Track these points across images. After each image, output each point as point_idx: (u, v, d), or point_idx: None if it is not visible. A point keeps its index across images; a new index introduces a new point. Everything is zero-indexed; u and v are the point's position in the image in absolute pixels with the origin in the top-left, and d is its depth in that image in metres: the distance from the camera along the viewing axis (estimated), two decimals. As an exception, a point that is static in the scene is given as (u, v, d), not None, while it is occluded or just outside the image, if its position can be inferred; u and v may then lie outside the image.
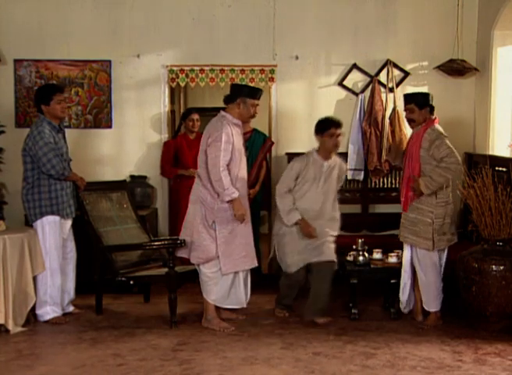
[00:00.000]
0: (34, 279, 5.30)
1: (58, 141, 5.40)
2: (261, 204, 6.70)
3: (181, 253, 5.34)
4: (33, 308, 5.31)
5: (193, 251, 5.21)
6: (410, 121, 5.34)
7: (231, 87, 5.36)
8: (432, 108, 5.29)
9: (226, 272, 5.14)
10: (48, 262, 5.35)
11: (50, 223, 5.36)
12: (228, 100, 5.22)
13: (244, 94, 5.15)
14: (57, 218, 5.40)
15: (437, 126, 5.23)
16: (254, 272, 6.55)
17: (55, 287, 5.40)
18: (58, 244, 5.43)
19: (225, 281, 5.19)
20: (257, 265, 5.37)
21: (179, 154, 6.60)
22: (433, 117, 5.28)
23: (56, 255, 5.40)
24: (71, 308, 5.64)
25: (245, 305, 5.32)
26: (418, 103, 5.25)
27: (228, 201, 5.04)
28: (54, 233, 5.39)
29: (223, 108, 5.28)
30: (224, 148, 5.01)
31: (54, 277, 5.39)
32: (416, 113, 5.25)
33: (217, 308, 5.28)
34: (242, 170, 5.22)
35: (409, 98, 5.35)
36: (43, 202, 5.35)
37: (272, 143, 6.65)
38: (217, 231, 5.11)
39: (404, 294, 5.30)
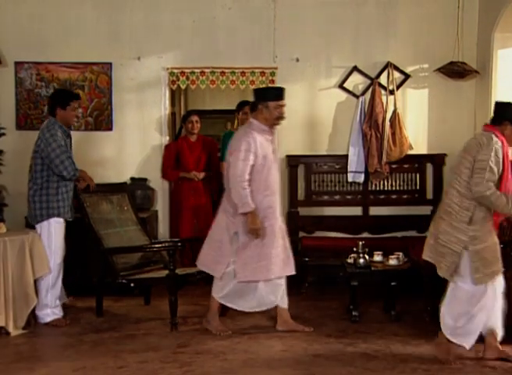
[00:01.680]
0: (35, 281, 5.30)
1: (67, 145, 5.43)
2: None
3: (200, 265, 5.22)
4: (34, 311, 5.31)
5: (203, 257, 5.16)
6: None
7: (253, 93, 5.17)
8: None
9: (241, 280, 4.99)
10: (52, 263, 5.36)
11: (56, 225, 5.39)
12: (252, 107, 5.11)
13: (264, 98, 4.99)
14: (61, 220, 5.43)
15: None
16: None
17: (57, 288, 5.42)
18: (62, 246, 5.45)
19: (238, 285, 5.04)
20: (277, 275, 5.02)
21: (181, 156, 6.60)
22: None
23: (60, 256, 5.42)
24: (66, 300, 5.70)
25: (246, 310, 5.17)
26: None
27: (244, 214, 4.90)
28: (60, 235, 5.42)
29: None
30: (243, 157, 4.86)
31: (57, 279, 5.42)
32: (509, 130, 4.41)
33: (284, 318, 5.13)
34: (271, 177, 5.00)
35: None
36: (50, 204, 5.37)
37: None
38: (240, 240, 4.96)
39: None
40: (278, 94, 5.06)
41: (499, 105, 4.54)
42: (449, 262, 4.41)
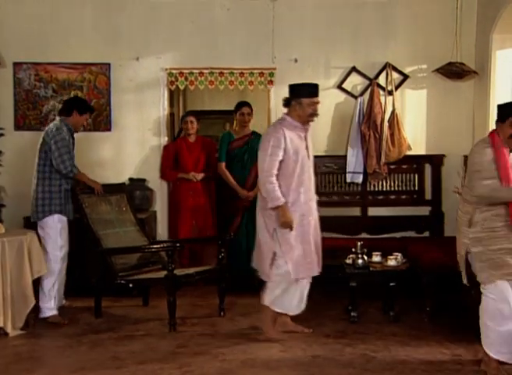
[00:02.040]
0: (36, 280, 5.30)
1: (71, 143, 5.55)
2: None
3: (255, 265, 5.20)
4: (33, 311, 5.30)
5: (255, 256, 5.16)
6: None
7: (288, 89, 5.09)
8: None
9: (295, 278, 4.94)
10: (57, 259, 5.44)
11: (61, 222, 5.48)
12: (285, 103, 5.05)
13: (297, 94, 4.94)
14: (64, 218, 5.52)
15: None
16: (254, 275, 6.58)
17: (60, 284, 5.52)
18: (65, 244, 5.55)
19: (291, 288, 5.00)
20: (318, 273, 5.09)
21: (179, 157, 6.59)
22: None
23: (64, 253, 5.51)
24: (63, 302, 5.76)
25: (295, 313, 5.09)
26: None
27: (274, 208, 4.86)
28: (64, 231, 5.51)
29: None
30: (271, 152, 4.83)
31: (60, 274, 5.50)
32: None
33: (283, 319, 5.12)
34: (305, 175, 4.96)
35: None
36: (53, 201, 5.45)
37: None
38: (280, 239, 4.91)
39: None
40: (312, 90, 4.99)
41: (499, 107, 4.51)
42: (461, 268, 4.41)
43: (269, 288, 5.00)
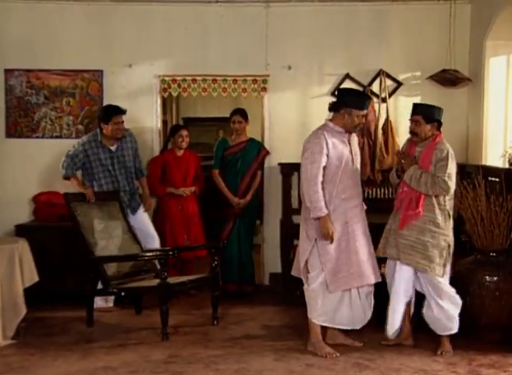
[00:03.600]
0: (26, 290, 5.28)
1: (101, 157, 6.01)
2: (254, 214, 6.70)
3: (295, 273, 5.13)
4: (24, 320, 5.26)
5: (295, 264, 5.08)
6: (413, 134, 4.94)
7: (337, 93, 4.96)
8: (439, 125, 4.90)
9: (334, 291, 4.79)
10: None
11: None
12: (332, 108, 4.91)
13: (350, 104, 4.79)
14: None
15: (445, 142, 4.88)
16: (249, 283, 6.57)
17: None
18: None
19: (331, 298, 4.83)
20: (368, 282, 4.87)
21: (167, 171, 6.48)
22: (439, 133, 4.91)
23: None
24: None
25: (357, 327, 4.93)
26: (427, 116, 4.85)
27: (316, 219, 4.76)
28: None
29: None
30: (313, 160, 4.73)
31: None
32: (422, 127, 4.86)
33: (331, 332, 5.00)
34: (349, 181, 4.84)
35: (417, 109, 4.94)
36: None
37: (267, 152, 6.68)
38: (320, 249, 4.79)
39: (396, 322, 4.90)
40: (364, 103, 4.87)
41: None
42: None
43: (307, 301, 4.90)
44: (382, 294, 5.16)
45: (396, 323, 4.91)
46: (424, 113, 4.88)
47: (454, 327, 4.83)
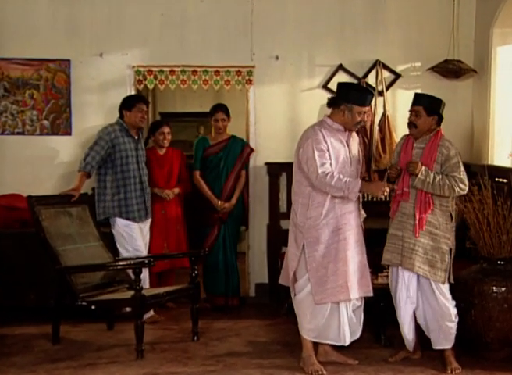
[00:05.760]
0: None
1: (124, 145, 6.02)
2: (239, 219, 6.66)
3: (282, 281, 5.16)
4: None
5: (283, 271, 5.11)
6: (412, 126, 4.97)
7: (338, 87, 4.97)
8: (440, 119, 4.94)
9: (319, 302, 4.79)
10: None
11: (121, 226, 5.97)
12: (331, 104, 4.90)
13: (351, 100, 4.78)
14: (127, 222, 5.96)
15: (446, 138, 4.94)
16: (234, 296, 6.54)
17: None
18: (141, 247, 6.01)
19: (319, 311, 4.84)
20: (355, 296, 4.87)
21: (148, 170, 6.38)
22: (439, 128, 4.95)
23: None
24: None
25: (345, 343, 4.92)
26: (428, 107, 4.88)
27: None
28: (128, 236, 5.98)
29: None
30: (316, 152, 4.71)
31: None
32: (422, 119, 4.88)
33: (323, 348, 5.01)
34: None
35: (419, 99, 4.98)
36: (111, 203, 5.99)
37: (252, 150, 6.65)
38: (307, 255, 4.78)
39: (408, 333, 4.95)
40: (366, 99, 4.87)
41: None
42: None
43: (297, 314, 4.92)
44: (380, 308, 5.17)
45: (408, 334, 4.95)
46: (426, 104, 4.90)
47: (451, 340, 4.84)
